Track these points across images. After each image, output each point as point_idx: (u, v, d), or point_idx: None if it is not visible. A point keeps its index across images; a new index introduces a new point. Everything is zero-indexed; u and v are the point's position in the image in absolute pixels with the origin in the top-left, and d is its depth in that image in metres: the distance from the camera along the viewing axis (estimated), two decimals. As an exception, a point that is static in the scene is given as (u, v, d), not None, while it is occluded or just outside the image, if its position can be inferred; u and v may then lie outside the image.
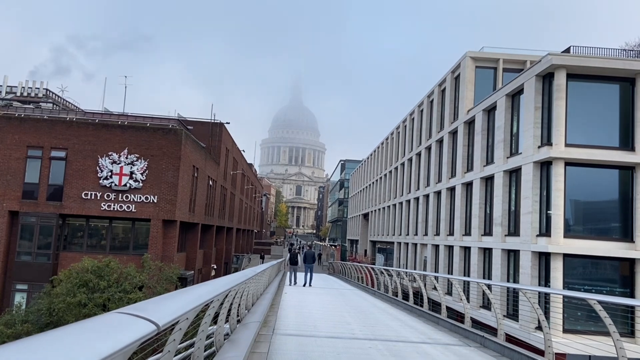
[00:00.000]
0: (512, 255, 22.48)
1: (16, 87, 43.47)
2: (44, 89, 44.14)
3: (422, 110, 39.23)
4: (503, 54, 29.62)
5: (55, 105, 42.13)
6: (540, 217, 20.26)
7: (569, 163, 19.66)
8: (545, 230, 19.95)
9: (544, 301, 17.41)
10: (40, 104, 41.31)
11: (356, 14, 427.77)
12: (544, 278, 19.89)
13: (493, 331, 16.99)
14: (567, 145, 19.66)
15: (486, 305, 24.13)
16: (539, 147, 20.49)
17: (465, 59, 29.35)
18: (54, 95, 44.50)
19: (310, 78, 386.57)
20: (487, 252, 25.25)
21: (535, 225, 20.27)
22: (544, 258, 19.93)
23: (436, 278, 20.07)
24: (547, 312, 18.92)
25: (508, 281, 22.56)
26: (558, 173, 19.50)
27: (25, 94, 43.33)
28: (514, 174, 22.83)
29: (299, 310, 14.57)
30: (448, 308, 14.87)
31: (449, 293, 27.15)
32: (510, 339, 11.47)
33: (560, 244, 19.13)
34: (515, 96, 23.22)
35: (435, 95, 35.37)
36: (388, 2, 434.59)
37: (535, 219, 20.29)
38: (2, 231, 26.81)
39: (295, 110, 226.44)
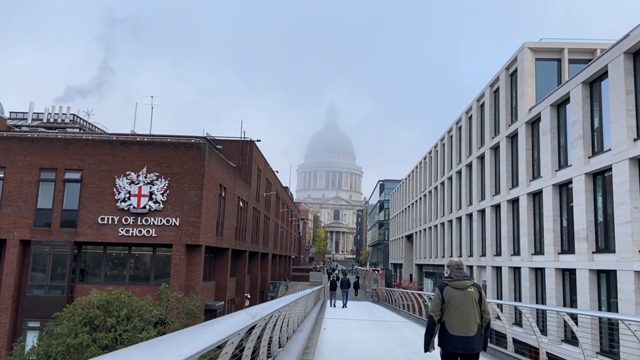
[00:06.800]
0: (604, 277, 18.15)
1: (42, 113, 42.34)
2: (70, 114, 42.89)
3: (470, 117, 35.32)
4: (568, 43, 25.66)
5: (81, 130, 40.61)
6: (644, 227, 16.03)
7: (678, 157, 15.50)
8: (652, 243, 15.70)
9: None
10: (67, 129, 39.84)
11: (393, 28, 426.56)
12: (655, 305, 15.54)
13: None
14: (674, 135, 15.55)
15: (570, 339, 19.75)
16: (634, 139, 16.40)
17: (523, 51, 25.53)
18: (80, 120, 43.14)
19: (344, 100, 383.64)
20: (567, 274, 20.91)
21: (637, 238, 16.02)
22: (653, 280, 15.62)
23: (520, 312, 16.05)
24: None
25: (600, 309, 18.22)
26: (666, 170, 15.36)
27: (52, 120, 42.12)
28: (600, 177, 18.68)
29: (344, 358, 10.95)
30: (515, 341, 13.42)
31: (518, 323, 22.91)
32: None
33: (676, 260, 14.85)
34: (594, 83, 19.24)
35: (486, 97, 31.49)
36: (425, 15, 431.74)
37: (637, 231, 16.05)
38: (13, 262, 24.39)
39: (330, 135, 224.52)
